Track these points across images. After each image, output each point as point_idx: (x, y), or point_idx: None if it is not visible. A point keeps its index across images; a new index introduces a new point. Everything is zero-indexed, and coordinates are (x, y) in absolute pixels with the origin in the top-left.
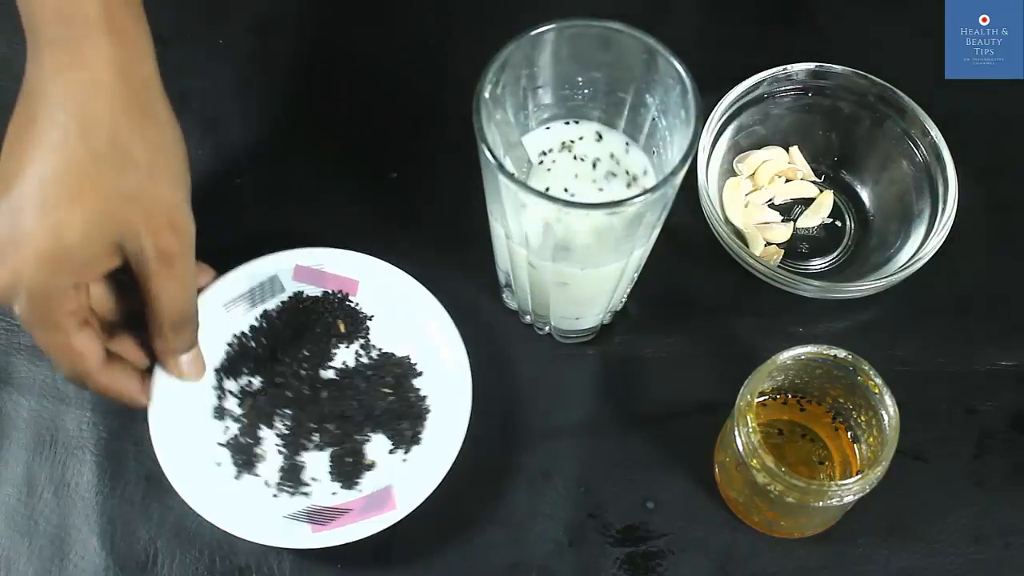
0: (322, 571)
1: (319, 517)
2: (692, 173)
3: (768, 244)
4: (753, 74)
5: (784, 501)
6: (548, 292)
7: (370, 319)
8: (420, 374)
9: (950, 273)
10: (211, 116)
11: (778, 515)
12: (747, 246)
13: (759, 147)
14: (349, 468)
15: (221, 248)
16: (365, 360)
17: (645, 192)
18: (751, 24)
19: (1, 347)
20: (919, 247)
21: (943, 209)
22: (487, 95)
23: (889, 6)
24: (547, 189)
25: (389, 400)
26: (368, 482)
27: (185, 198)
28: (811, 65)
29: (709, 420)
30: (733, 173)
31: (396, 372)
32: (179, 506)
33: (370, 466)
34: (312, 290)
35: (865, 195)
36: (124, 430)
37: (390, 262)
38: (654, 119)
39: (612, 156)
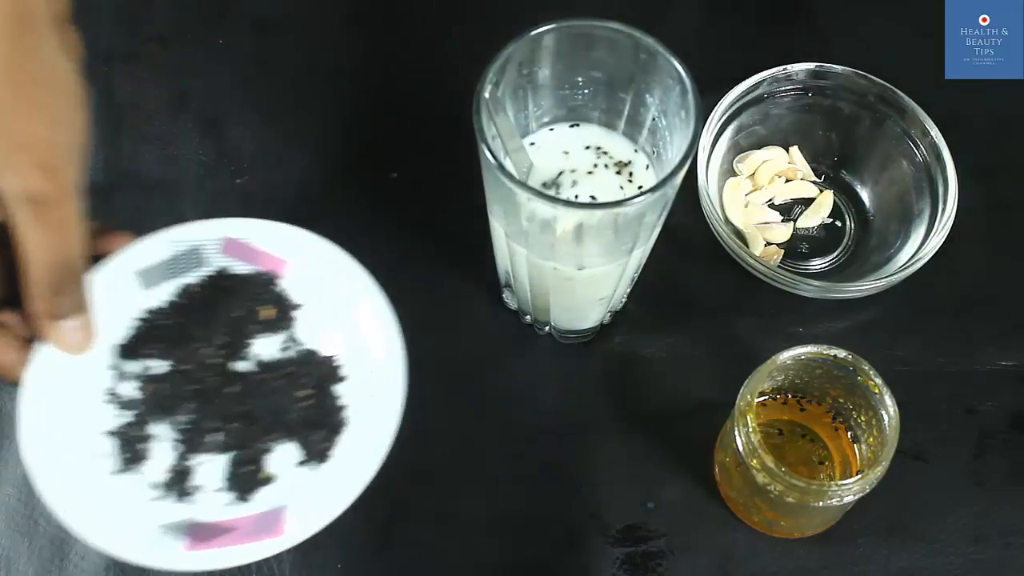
0: (322, 571)
1: (198, 533)
2: (692, 173)
3: (768, 244)
4: (753, 74)
5: (784, 501)
6: (548, 292)
7: (298, 308)
8: (343, 379)
9: (950, 273)
10: (211, 116)
11: (778, 515)
12: (747, 246)
13: (759, 147)
14: (245, 478)
15: None
16: (287, 355)
17: (645, 192)
18: (751, 24)
19: None
20: (919, 247)
21: (943, 209)
22: (487, 95)
23: (889, 6)
24: (545, 187)
25: (306, 405)
26: (263, 498)
27: (67, 141)
28: (811, 65)
29: (709, 420)
30: (733, 173)
31: (318, 373)
32: None
33: (268, 480)
34: (240, 267)
35: (865, 195)
36: None
37: (390, 264)
38: (654, 119)
39: (612, 156)
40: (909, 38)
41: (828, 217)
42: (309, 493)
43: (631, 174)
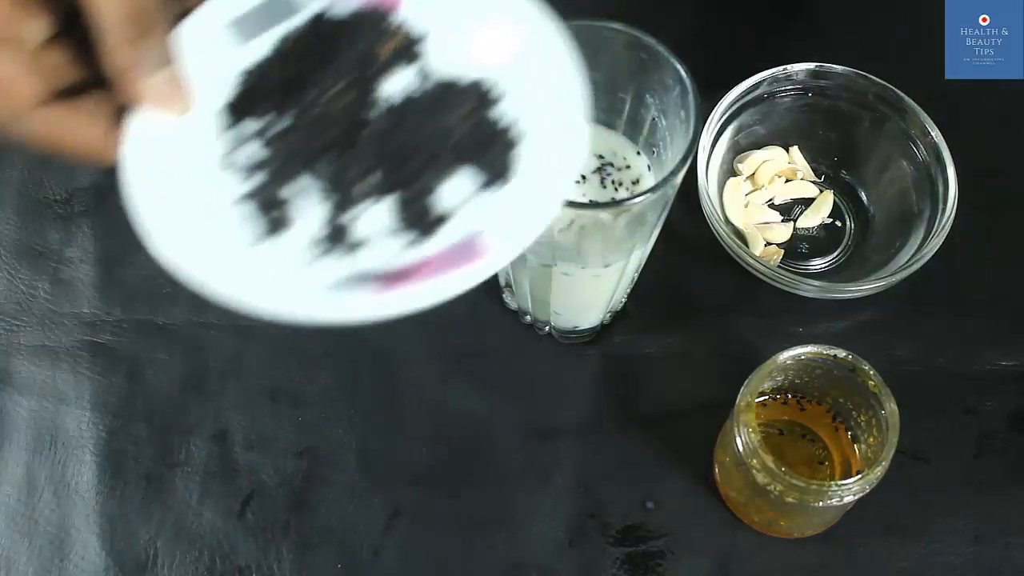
0: (322, 571)
1: (385, 279)
2: (692, 173)
3: (768, 244)
4: (753, 74)
5: (784, 501)
6: (548, 292)
7: (423, 38)
8: (502, 98)
9: (950, 273)
10: None
11: (778, 515)
12: (747, 246)
13: (759, 147)
14: (416, 217)
15: None
16: (421, 92)
17: (645, 192)
18: (751, 24)
19: (1, 347)
20: (919, 247)
21: (943, 209)
22: None
23: (889, 6)
24: None
25: (464, 130)
26: (444, 234)
27: None
28: (811, 65)
29: (709, 420)
30: (733, 173)
31: (468, 100)
32: (179, 505)
33: (445, 214)
34: (341, 6)
35: (865, 195)
36: (124, 430)
37: None
38: (654, 119)
39: (612, 156)
40: (909, 38)
41: (828, 217)
42: (500, 215)
43: (628, 173)
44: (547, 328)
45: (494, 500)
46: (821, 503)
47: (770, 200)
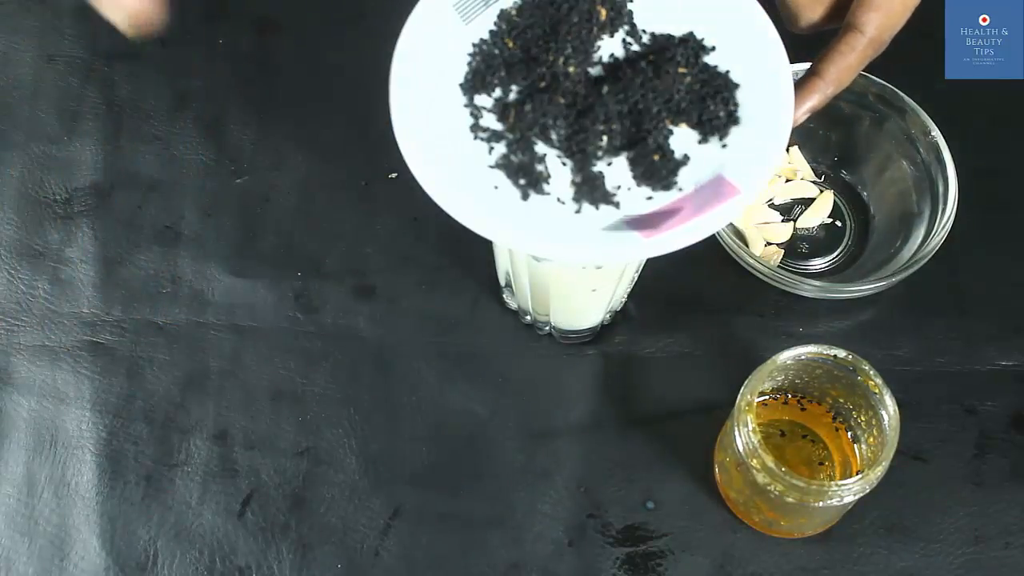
0: (322, 571)
1: (645, 224)
2: None
3: (768, 244)
4: None
5: (784, 501)
6: (548, 292)
7: (630, 1)
8: (712, 49)
9: (950, 273)
10: (211, 116)
11: (778, 515)
12: (747, 246)
13: None
14: (658, 167)
15: (219, 248)
16: (637, 48)
17: None
18: None
19: (1, 347)
20: (919, 247)
21: (943, 209)
22: None
23: None
24: None
25: (684, 83)
26: (686, 179)
27: None
28: (811, 65)
29: (709, 420)
30: None
31: (683, 54)
32: (179, 505)
33: (682, 161)
34: None
35: (865, 195)
36: (124, 430)
37: (390, 264)
38: None
39: None
40: (909, 38)
41: (828, 217)
42: (735, 156)
43: None
44: (547, 328)
45: (494, 500)
46: (821, 503)
47: (770, 200)
